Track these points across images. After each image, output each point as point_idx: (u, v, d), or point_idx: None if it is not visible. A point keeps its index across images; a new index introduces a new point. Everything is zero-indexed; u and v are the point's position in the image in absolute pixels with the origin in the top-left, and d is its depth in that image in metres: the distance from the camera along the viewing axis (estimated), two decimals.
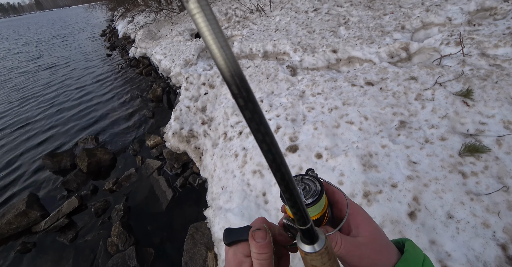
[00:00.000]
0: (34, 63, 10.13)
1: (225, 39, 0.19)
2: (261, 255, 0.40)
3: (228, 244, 0.41)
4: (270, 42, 4.81)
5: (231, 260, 0.41)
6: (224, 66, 0.20)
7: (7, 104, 6.08)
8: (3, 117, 5.39)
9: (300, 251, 0.32)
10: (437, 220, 1.26)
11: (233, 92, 0.21)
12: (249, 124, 0.23)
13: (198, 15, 0.18)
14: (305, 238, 0.31)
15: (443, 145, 1.63)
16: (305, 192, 0.39)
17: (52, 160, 3.26)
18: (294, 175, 0.40)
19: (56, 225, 2.43)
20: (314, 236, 0.31)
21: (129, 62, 8.09)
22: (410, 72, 2.68)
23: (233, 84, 0.21)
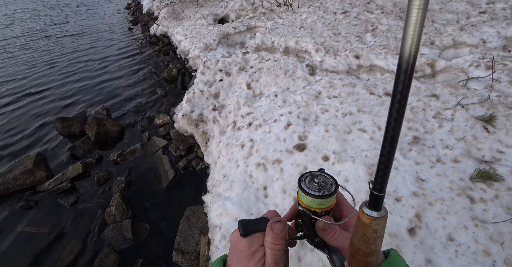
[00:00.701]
0: (59, 28, 10.18)
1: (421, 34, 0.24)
2: (276, 246, 0.42)
3: (245, 235, 0.43)
4: (293, 38, 4.73)
5: (244, 249, 0.42)
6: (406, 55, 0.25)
7: (30, 66, 6.16)
8: (25, 78, 5.47)
9: (364, 217, 0.35)
10: (437, 240, 1.25)
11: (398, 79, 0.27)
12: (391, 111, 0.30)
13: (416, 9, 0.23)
14: (375, 204, 0.35)
15: (455, 167, 1.60)
16: (324, 184, 0.43)
17: (63, 124, 3.31)
18: (314, 170, 0.47)
19: (59, 187, 2.49)
20: (381, 203, 0.35)
21: (149, 38, 8.07)
22: (433, 89, 2.62)
23: (403, 74, 0.26)
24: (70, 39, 8.51)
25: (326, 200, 0.42)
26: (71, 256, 1.99)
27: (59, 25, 10.92)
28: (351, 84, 3.09)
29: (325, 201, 0.42)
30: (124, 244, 2.02)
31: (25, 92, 4.73)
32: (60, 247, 2.07)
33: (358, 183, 1.65)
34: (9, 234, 2.18)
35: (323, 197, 0.41)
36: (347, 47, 4.18)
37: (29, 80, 5.26)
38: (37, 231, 2.17)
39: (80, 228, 2.19)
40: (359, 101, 2.65)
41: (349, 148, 2.03)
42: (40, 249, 2.06)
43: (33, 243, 2.11)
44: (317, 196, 0.41)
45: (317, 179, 0.44)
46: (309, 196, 0.42)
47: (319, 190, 0.42)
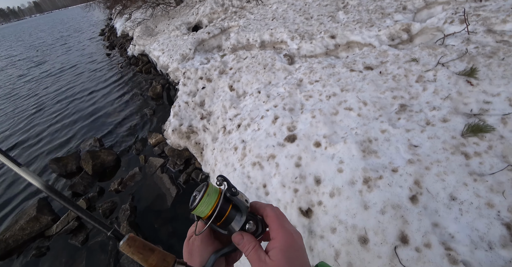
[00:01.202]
0: (39, 69, 10.23)
1: None
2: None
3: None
4: (267, 31, 4.71)
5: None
6: None
7: (18, 114, 6.18)
8: (15, 128, 5.49)
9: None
10: (439, 202, 1.24)
11: None
12: None
13: None
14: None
15: (445, 127, 1.58)
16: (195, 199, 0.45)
17: (58, 164, 3.32)
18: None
19: (67, 228, 2.49)
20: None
21: (129, 60, 8.08)
22: (411, 53, 2.59)
23: None
24: (52, 78, 8.55)
25: (202, 205, 0.44)
26: None
27: (39, 66, 10.97)
28: (331, 65, 3.07)
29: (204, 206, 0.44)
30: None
31: (17, 141, 4.74)
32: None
33: (353, 162, 1.64)
34: None
35: (191, 210, 0.44)
36: (322, 29, 4.15)
37: (19, 129, 5.27)
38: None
39: (96, 263, 2.19)
40: (341, 81, 2.63)
41: (338, 129, 2.01)
42: None
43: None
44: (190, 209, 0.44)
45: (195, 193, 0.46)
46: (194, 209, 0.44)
47: (192, 203, 0.45)
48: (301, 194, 1.67)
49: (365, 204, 1.39)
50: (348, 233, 1.35)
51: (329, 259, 1.38)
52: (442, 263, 1.04)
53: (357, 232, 1.33)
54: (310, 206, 1.62)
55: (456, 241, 1.09)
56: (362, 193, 1.45)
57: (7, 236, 2.42)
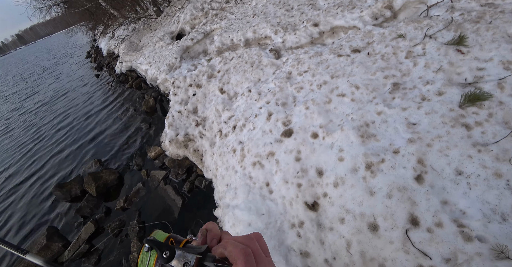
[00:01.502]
0: (31, 101, 10.27)
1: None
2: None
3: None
4: (250, 28, 4.65)
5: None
6: None
7: (17, 148, 6.20)
8: (16, 163, 5.53)
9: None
10: (446, 179, 1.19)
11: None
12: None
13: None
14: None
15: (442, 100, 1.53)
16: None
17: (62, 190, 3.31)
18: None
19: (79, 252, 2.48)
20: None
21: (118, 78, 8.06)
22: (397, 30, 2.53)
23: None
24: (46, 107, 8.57)
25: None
26: None
27: (31, 97, 11.01)
28: (318, 53, 3.01)
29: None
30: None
31: (21, 176, 4.74)
32: None
33: (353, 149, 1.59)
34: None
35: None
36: (304, 18, 4.09)
37: (20, 164, 5.26)
38: None
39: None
40: (330, 67, 2.58)
41: (334, 118, 1.96)
42: None
43: None
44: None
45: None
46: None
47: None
48: (305, 188, 1.63)
49: (371, 190, 1.35)
50: (357, 221, 1.31)
51: (341, 250, 1.35)
52: (456, 241, 0.99)
53: (365, 219, 1.29)
54: (316, 199, 1.58)
55: (468, 217, 1.04)
56: (366, 179, 1.40)
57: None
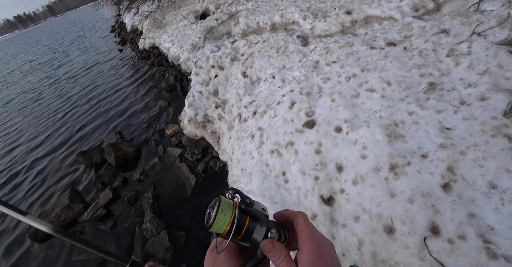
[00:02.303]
0: (59, 71, 10.66)
1: None
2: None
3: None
4: (277, 12, 4.46)
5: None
6: None
7: (44, 114, 6.56)
8: (39, 125, 5.85)
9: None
10: (476, 191, 1.13)
11: None
12: None
13: None
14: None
15: (484, 106, 1.42)
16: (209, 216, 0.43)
17: (84, 157, 3.49)
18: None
19: (97, 215, 2.66)
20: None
21: (140, 54, 8.12)
22: (440, 24, 2.32)
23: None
24: (73, 79, 8.82)
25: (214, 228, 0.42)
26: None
27: (60, 67, 11.42)
28: (349, 43, 2.85)
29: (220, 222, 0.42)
30: (166, 254, 2.12)
31: (50, 141, 5.03)
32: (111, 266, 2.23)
33: (378, 148, 1.54)
34: (66, 264, 2.40)
35: (208, 228, 0.42)
36: (336, 5, 3.86)
37: (52, 130, 5.55)
38: (88, 257, 2.35)
39: (124, 247, 2.33)
40: (361, 60, 2.44)
41: (360, 113, 1.89)
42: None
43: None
44: (207, 227, 0.43)
45: (209, 210, 0.44)
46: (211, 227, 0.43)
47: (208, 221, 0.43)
48: (322, 182, 1.62)
49: (392, 192, 1.31)
50: (373, 222, 1.29)
51: (352, 248, 1.35)
52: (479, 257, 0.96)
53: (382, 221, 1.26)
54: (332, 194, 1.57)
55: (497, 234, 1.00)
56: (388, 180, 1.36)
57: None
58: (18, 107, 8.05)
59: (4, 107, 8.59)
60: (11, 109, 8.04)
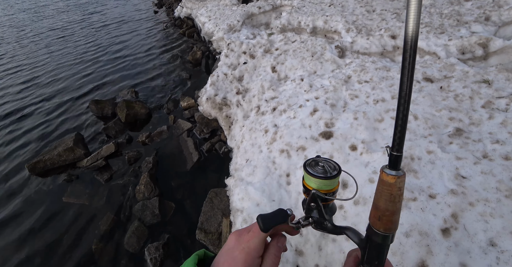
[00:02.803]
0: (93, 18, 10.54)
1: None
2: (277, 258, 0.45)
3: (266, 230, 0.43)
4: (322, 17, 4.39)
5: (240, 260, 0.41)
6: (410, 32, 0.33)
7: (71, 54, 6.54)
8: (63, 64, 5.84)
9: (389, 177, 0.39)
10: (475, 244, 1.16)
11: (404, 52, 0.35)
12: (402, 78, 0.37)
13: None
14: (396, 164, 0.39)
15: (506, 165, 1.43)
16: (328, 168, 0.46)
17: (97, 106, 3.52)
18: (318, 157, 0.50)
19: (95, 165, 2.71)
20: (400, 163, 0.39)
21: (174, 21, 8.04)
22: (484, 74, 2.30)
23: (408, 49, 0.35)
24: (105, 29, 8.72)
25: (332, 181, 0.45)
26: (106, 226, 2.20)
27: (94, 14, 11.26)
28: (385, 67, 2.83)
29: (332, 182, 0.45)
30: (152, 220, 2.17)
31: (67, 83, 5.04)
32: (98, 217, 2.29)
33: None
34: (56, 203, 2.47)
35: (330, 178, 0.44)
36: (382, 26, 3.80)
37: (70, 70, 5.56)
38: (78, 202, 2.41)
39: (114, 203, 2.39)
40: (394, 87, 2.43)
41: (379, 138, 1.90)
42: (82, 218, 2.31)
43: (76, 212, 2.36)
44: (325, 178, 0.44)
45: (321, 163, 0.47)
46: (318, 178, 0.45)
47: (326, 173, 0.45)
48: None
49: None
50: None
51: (336, 263, 1.39)
52: None
53: None
54: None
55: None
56: None
57: (46, 158, 2.72)
58: (46, 41, 7.99)
59: (34, 38, 8.52)
60: (40, 43, 7.97)
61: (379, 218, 0.40)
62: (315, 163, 0.47)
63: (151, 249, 1.96)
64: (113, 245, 2.07)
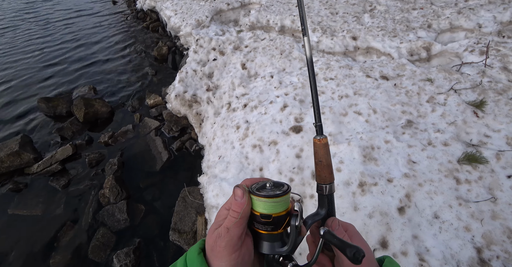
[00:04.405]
0: (35, 5, 9.29)
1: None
2: (234, 213, 0.41)
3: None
4: (289, 16, 4.54)
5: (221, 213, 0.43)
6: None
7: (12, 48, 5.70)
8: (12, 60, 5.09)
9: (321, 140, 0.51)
10: (423, 218, 1.33)
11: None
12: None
13: None
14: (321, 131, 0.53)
15: (445, 150, 1.66)
16: (274, 188, 0.43)
17: (48, 105, 3.15)
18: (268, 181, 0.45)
19: (49, 170, 2.43)
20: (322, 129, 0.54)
21: (136, 13, 7.54)
22: (428, 73, 2.63)
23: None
24: (54, 21, 7.80)
25: (279, 200, 0.41)
26: (67, 237, 2.01)
27: (39, 3, 9.96)
28: (348, 66, 3.05)
29: (278, 201, 0.41)
30: (120, 225, 2.04)
31: (7, 78, 4.40)
32: (55, 228, 2.06)
33: (353, 165, 1.70)
34: (1, 216, 2.15)
35: (276, 196, 0.40)
36: (345, 28, 4.07)
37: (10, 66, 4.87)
38: (29, 213, 2.14)
39: (74, 210, 2.18)
40: (356, 84, 2.64)
41: (344, 131, 2.06)
42: (35, 231, 2.05)
43: (27, 225, 2.09)
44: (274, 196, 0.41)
45: (268, 184, 0.44)
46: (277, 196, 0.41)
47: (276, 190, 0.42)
48: (296, 184, 1.73)
49: (356, 206, 1.47)
50: None
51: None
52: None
53: None
54: (302, 197, 1.69)
55: (430, 255, 1.20)
56: (355, 195, 1.52)
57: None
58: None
59: None
60: None
61: (319, 172, 0.49)
62: (261, 186, 0.44)
63: (121, 256, 1.85)
64: (76, 257, 1.89)
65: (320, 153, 0.49)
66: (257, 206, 0.41)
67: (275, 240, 0.43)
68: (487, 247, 1.21)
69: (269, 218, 0.41)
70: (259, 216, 0.41)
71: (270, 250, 0.42)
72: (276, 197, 0.40)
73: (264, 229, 0.42)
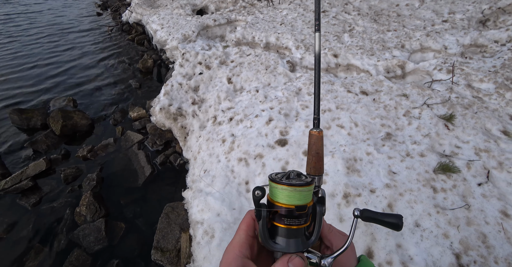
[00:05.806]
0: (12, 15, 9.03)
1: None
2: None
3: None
4: (274, 34, 4.75)
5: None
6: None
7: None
8: None
9: (316, 132, 0.51)
10: (405, 226, 1.38)
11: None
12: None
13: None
14: (318, 124, 0.52)
15: (421, 161, 1.76)
16: (298, 178, 0.41)
17: (21, 116, 2.97)
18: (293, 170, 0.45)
19: (18, 187, 2.25)
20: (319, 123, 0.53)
21: (121, 26, 7.54)
22: (403, 89, 2.82)
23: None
24: (35, 30, 7.59)
25: (304, 189, 0.38)
26: (35, 262, 1.83)
27: (25, 14, 9.70)
28: (330, 81, 3.20)
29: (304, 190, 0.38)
30: (97, 245, 1.90)
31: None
32: (22, 252, 1.88)
33: (337, 177, 1.74)
34: None
35: (300, 186, 0.38)
36: (326, 46, 4.31)
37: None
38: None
39: (45, 231, 2.01)
40: (338, 99, 2.77)
41: (328, 143, 2.12)
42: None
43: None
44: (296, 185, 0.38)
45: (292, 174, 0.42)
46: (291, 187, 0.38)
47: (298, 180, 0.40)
48: None
49: (341, 217, 1.49)
50: None
51: None
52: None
53: None
54: None
55: (414, 263, 1.22)
56: (340, 206, 1.55)
57: None
58: None
59: None
60: None
61: (315, 164, 0.50)
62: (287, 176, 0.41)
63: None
64: None
65: (317, 145, 0.51)
66: (293, 198, 0.36)
67: (303, 234, 0.38)
68: (464, 253, 1.26)
69: (304, 209, 0.37)
70: (294, 210, 0.36)
71: (301, 246, 0.37)
72: (310, 185, 0.37)
73: (297, 224, 0.37)
